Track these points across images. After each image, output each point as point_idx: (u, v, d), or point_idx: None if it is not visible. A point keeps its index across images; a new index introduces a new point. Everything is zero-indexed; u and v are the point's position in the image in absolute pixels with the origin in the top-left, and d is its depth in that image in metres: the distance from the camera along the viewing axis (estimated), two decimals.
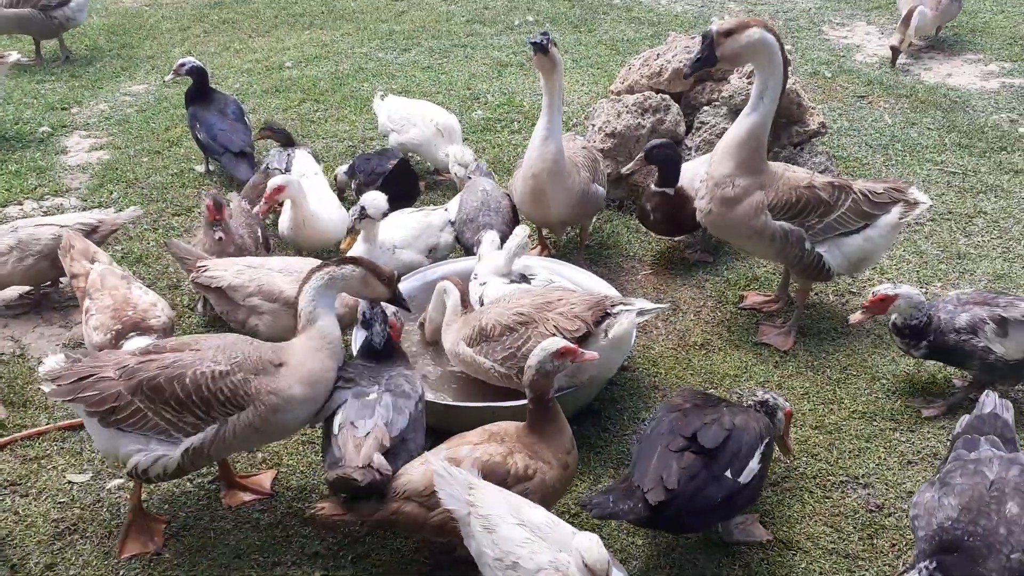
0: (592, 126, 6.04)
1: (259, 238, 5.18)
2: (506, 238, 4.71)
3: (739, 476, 3.38)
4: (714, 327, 4.97)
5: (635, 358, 4.69)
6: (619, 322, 3.94)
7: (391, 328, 3.84)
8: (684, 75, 5.78)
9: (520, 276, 4.57)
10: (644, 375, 4.61)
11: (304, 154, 5.95)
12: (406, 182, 5.92)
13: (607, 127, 5.89)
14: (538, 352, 3.34)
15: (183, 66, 6.60)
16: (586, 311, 3.95)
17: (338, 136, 7.18)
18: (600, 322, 3.94)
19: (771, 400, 3.69)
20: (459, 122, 6.44)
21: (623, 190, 6.01)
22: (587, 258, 5.48)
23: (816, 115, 6.08)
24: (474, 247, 4.89)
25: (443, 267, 4.99)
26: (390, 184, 5.65)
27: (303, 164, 5.81)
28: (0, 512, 3.85)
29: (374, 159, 6.00)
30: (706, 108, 6.03)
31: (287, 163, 5.89)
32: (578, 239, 5.64)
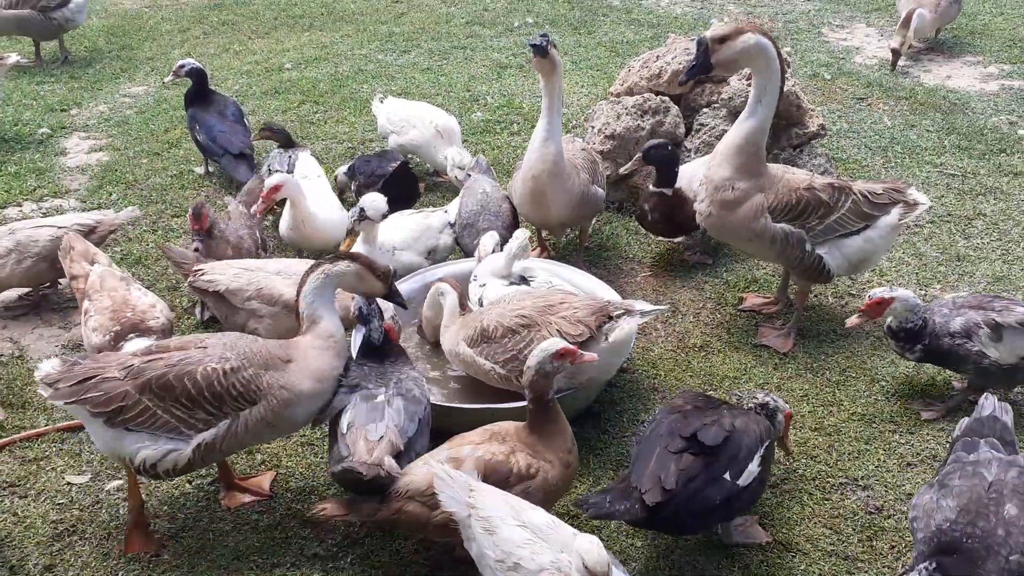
0: (592, 128, 6.04)
1: (258, 239, 5.19)
2: (506, 241, 4.71)
3: (738, 479, 3.38)
4: (713, 329, 4.97)
5: (634, 360, 4.69)
6: (620, 326, 3.94)
7: (388, 332, 3.84)
8: (679, 82, 5.80)
9: (519, 278, 4.57)
10: (643, 377, 4.61)
11: (307, 156, 5.96)
12: (406, 184, 5.92)
13: (607, 129, 5.89)
14: (537, 353, 3.34)
15: (182, 68, 6.60)
16: (589, 315, 3.95)
17: (337, 138, 7.18)
18: (602, 326, 3.94)
19: (771, 402, 3.68)
20: (459, 124, 6.44)
21: (623, 192, 6.01)
22: (586, 260, 5.47)
23: (815, 117, 6.08)
24: (474, 251, 4.89)
25: (443, 269, 4.99)
26: (390, 186, 5.65)
27: (306, 166, 5.81)
28: None
29: (374, 161, 6.00)
30: (706, 110, 6.03)
31: (290, 165, 5.90)
32: (577, 241, 5.64)
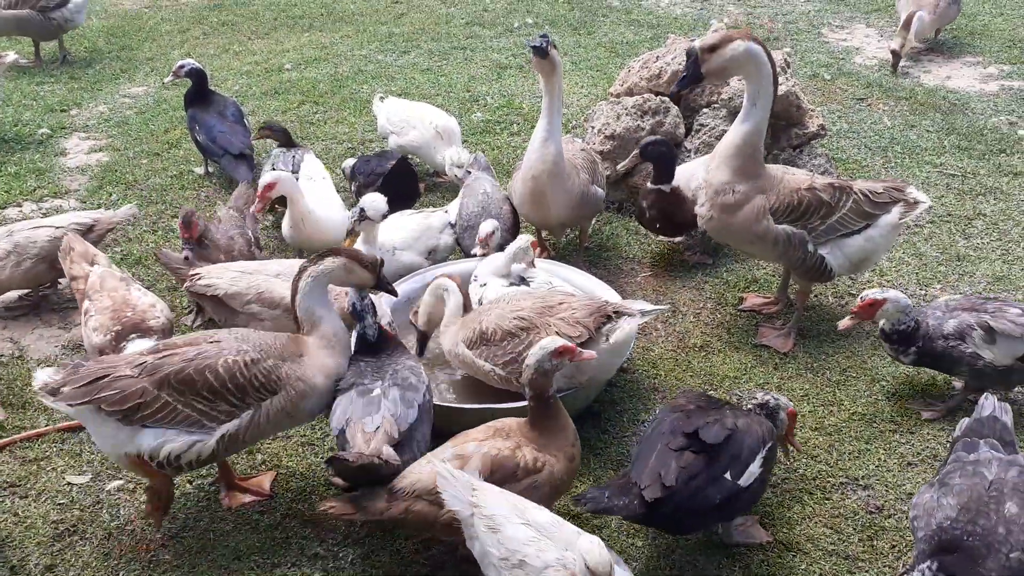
0: (591, 128, 6.04)
1: (251, 238, 5.15)
2: (507, 243, 4.71)
3: (739, 479, 3.37)
4: (714, 329, 4.97)
5: (635, 360, 4.69)
6: (620, 327, 3.94)
7: (382, 328, 3.83)
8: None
9: (519, 278, 4.57)
10: (644, 377, 4.61)
11: (312, 157, 5.94)
12: (406, 183, 5.91)
13: (606, 129, 5.89)
14: (536, 351, 3.34)
15: (182, 68, 6.60)
16: (588, 316, 3.94)
17: (337, 138, 7.17)
18: (601, 327, 3.94)
19: (772, 401, 3.68)
20: (458, 124, 6.44)
21: (622, 192, 6.01)
22: (586, 260, 5.47)
23: (815, 117, 6.08)
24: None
25: (443, 269, 4.98)
26: (390, 183, 5.65)
27: (311, 167, 5.79)
28: (0, 513, 3.86)
29: (374, 161, 5.99)
30: (705, 110, 6.03)
31: (295, 165, 5.89)
32: (577, 241, 5.64)
